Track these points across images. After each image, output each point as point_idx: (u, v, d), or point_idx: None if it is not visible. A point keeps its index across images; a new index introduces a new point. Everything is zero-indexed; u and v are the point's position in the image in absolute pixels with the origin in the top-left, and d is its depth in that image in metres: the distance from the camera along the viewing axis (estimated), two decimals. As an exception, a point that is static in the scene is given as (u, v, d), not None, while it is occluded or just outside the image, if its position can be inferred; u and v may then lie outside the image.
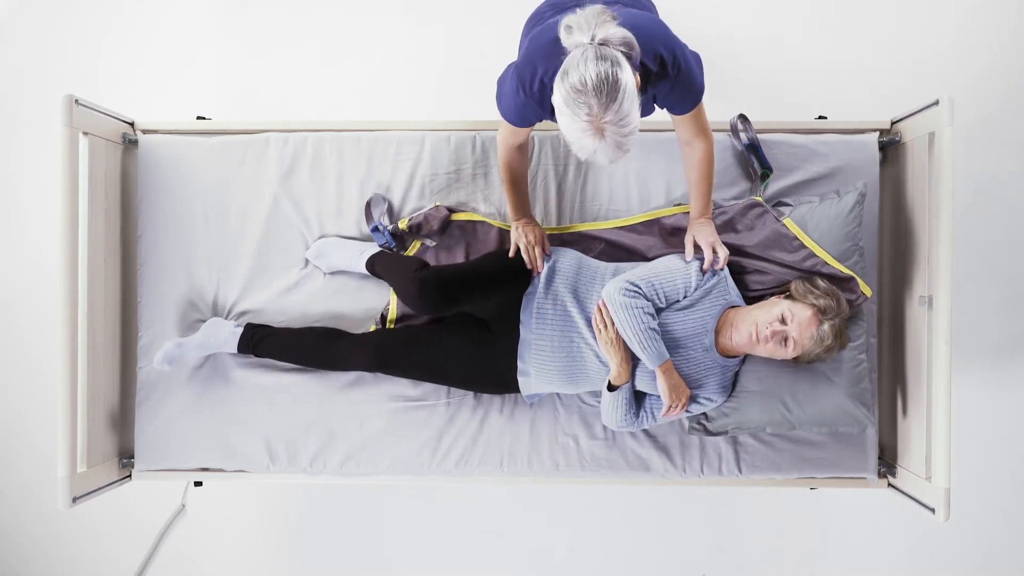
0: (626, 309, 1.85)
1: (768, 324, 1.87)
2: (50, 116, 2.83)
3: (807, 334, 1.88)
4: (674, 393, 1.90)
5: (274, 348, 2.14)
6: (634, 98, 1.43)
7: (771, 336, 1.87)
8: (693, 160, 1.89)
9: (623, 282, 1.90)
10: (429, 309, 1.96)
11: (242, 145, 2.23)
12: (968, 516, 2.84)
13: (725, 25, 2.85)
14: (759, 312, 1.92)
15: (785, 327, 1.87)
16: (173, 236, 2.23)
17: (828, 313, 1.89)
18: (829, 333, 1.89)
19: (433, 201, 2.21)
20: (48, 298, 2.86)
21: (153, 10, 2.91)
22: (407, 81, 2.88)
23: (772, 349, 1.89)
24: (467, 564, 2.90)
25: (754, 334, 1.88)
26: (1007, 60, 2.81)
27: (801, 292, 1.94)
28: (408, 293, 1.97)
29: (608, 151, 1.46)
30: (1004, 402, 2.84)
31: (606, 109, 1.40)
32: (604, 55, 1.39)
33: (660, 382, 1.89)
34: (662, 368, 1.87)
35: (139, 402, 2.23)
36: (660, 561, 2.90)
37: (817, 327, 1.88)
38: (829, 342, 1.89)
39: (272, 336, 2.14)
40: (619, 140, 1.45)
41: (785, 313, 1.88)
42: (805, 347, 1.89)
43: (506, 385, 2.06)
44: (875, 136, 2.19)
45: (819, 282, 1.95)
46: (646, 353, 1.85)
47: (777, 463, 2.17)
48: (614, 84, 1.39)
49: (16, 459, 2.93)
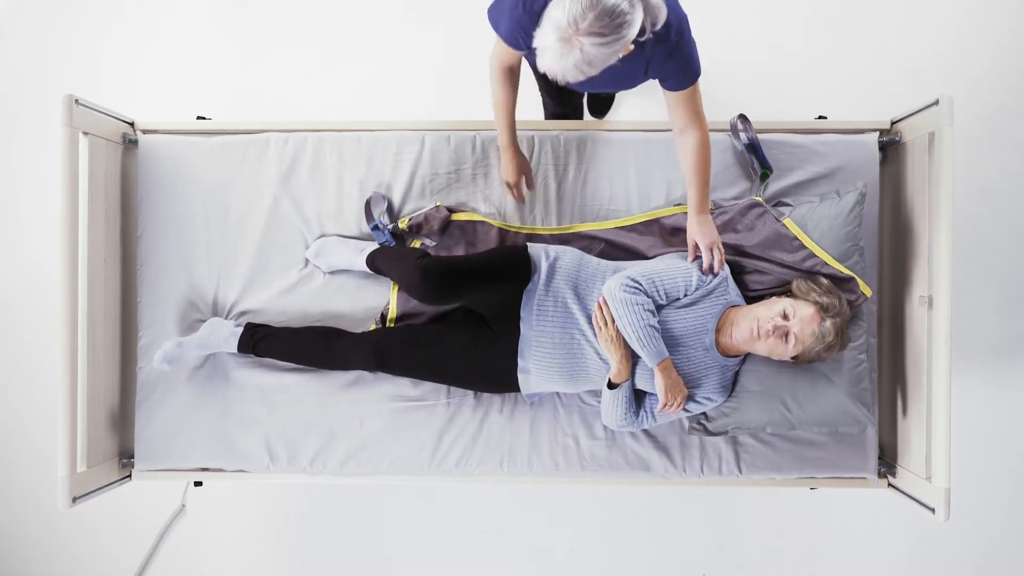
0: (626, 305, 1.85)
1: (770, 319, 1.87)
2: (50, 116, 2.84)
3: (808, 330, 1.87)
4: (671, 392, 1.90)
5: (274, 348, 2.14)
6: (622, 43, 1.40)
7: (772, 331, 1.86)
8: (687, 150, 1.86)
9: (624, 278, 1.89)
10: (431, 297, 1.95)
11: (242, 145, 2.23)
12: (968, 516, 2.84)
13: (726, 25, 2.85)
14: (761, 309, 1.92)
15: (787, 323, 1.87)
16: (173, 236, 2.23)
17: (830, 311, 1.89)
18: (831, 330, 1.88)
19: (433, 201, 2.21)
20: (48, 298, 2.86)
21: (153, 10, 2.91)
22: (407, 81, 2.89)
23: (773, 345, 1.88)
24: (467, 564, 2.90)
25: (755, 329, 1.88)
26: (1007, 60, 2.82)
27: (803, 290, 1.94)
28: (411, 280, 1.96)
29: (565, 64, 1.42)
30: (1004, 402, 2.84)
31: (589, 30, 1.36)
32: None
33: (657, 380, 1.89)
34: (660, 366, 1.87)
35: (139, 402, 2.23)
36: (660, 561, 2.90)
37: (819, 324, 1.88)
38: (831, 339, 1.89)
39: (272, 336, 2.14)
40: (580, 62, 1.41)
41: (787, 309, 1.88)
42: (806, 344, 1.89)
43: (506, 383, 2.06)
44: (875, 136, 2.19)
45: (821, 280, 1.96)
46: (645, 351, 1.86)
47: (777, 463, 2.17)
48: (616, 16, 1.36)
49: (16, 459, 2.93)
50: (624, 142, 2.19)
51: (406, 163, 2.21)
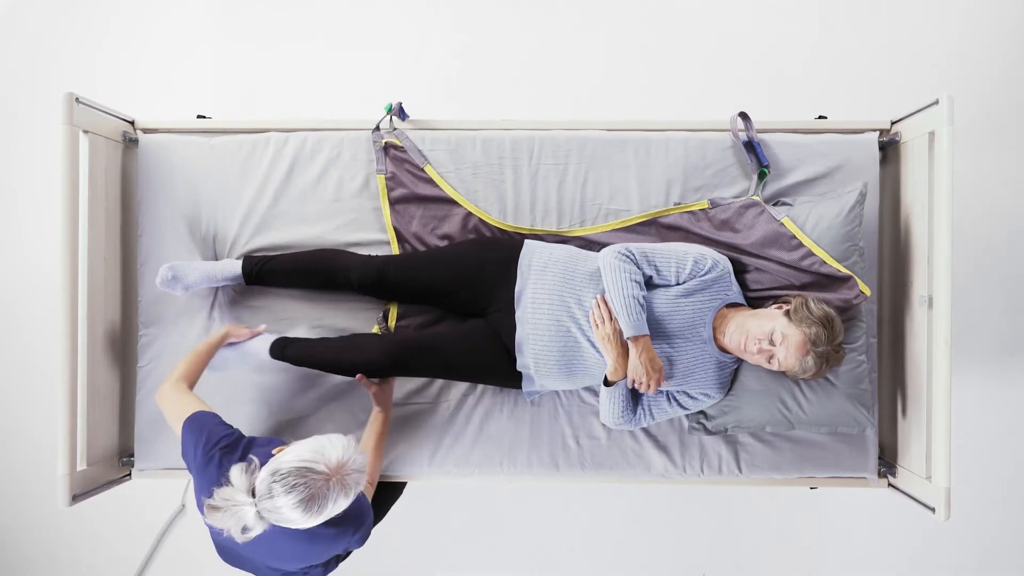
0: (614, 271, 1.88)
1: (757, 340, 1.88)
2: (50, 114, 2.83)
3: (792, 360, 1.89)
4: (639, 370, 1.86)
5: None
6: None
7: (757, 352, 1.89)
8: None
9: (619, 247, 1.94)
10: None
11: (242, 144, 2.23)
12: (968, 516, 2.84)
13: (726, 25, 2.85)
14: (753, 323, 1.91)
15: (772, 348, 1.88)
16: (173, 236, 2.23)
17: (818, 344, 1.88)
18: (812, 366, 1.89)
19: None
20: (48, 298, 2.86)
21: (153, 8, 2.91)
22: (407, 81, 2.89)
23: (758, 361, 1.91)
24: (467, 564, 2.90)
25: (743, 344, 1.89)
26: (1007, 60, 2.82)
27: (799, 315, 1.90)
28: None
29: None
30: (1004, 402, 2.84)
31: None
32: None
33: (631, 355, 1.87)
34: (635, 340, 1.85)
35: (139, 401, 2.23)
36: (660, 561, 2.90)
37: (803, 358, 1.89)
38: (811, 373, 1.91)
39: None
40: None
41: (776, 335, 1.88)
42: (790, 369, 1.91)
43: (512, 379, 2.07)
44: (875, 136, 2.19)
45: (814, 307, 1.90)
46: (623, 319, 1.86)
47: (777, 463, 2.17)
48: None
49: (16, 458, 2.93)
50: (624, 142, 2.19)
51: (406, 162, 2.21)
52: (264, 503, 1.48)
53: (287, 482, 1.47)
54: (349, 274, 2.09)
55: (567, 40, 2.89)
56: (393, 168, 2.19)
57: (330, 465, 1.51)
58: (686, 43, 2.82)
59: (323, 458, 1.51)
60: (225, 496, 1.50)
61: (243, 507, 1.48)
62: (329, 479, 1.50)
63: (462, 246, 2.12)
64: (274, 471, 1.49)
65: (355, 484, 1.55)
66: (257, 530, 1.50)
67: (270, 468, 1.50)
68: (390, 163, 2.20)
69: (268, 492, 1.48)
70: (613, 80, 2.87)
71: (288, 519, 1.49)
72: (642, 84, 2.85)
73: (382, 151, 2.20)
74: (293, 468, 1.48)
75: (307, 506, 1.47)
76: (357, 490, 1.57)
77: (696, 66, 2.82)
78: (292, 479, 1.47)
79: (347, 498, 1.54)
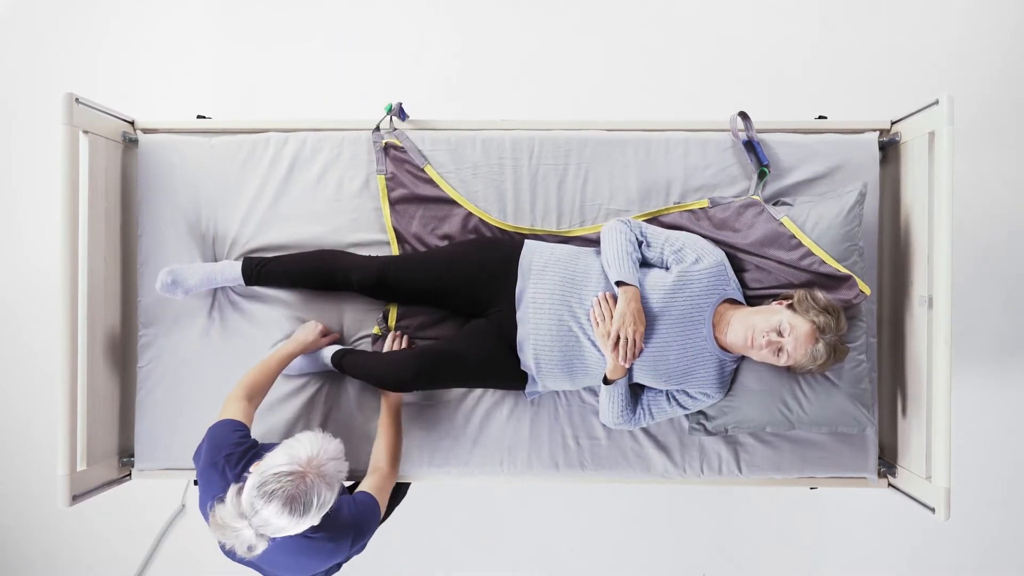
0: (612, 231, 1.99)
1: (765, 332, 1.88)
2: (50, 115, 2.83)
3: (802, 350, 1.88)
4: (630, 316, 1.86)
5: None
6: None
7: (766, 345, 1.88)
8: None
9: (620, 217, 2.07)
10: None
11: (242, 144, 2.23)
12: (968, 516, 2.84)
13: (726, 25, 2.85)
14: (757, 318, 1.91)
15: (781, 339, 1.87)
16: (173, 236, 2.23)
17: (826, 331, 1.89)
18: (823, 352, 1.89)
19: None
20: (48, 298, 2.86)
21: (153, 8, 2.91)
22: (407, 81, 2.89)
23: (765, 356, 1.90)
24: (467, 564, 2.90)
25: (750, 338, 1.89)
26: (1007, 60, 2.82)
27: (804, 306, 1.92)
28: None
29: None
30: (1004, 402, 2.84)
31: None
32: None
33: (619, 303, 1.88)
34: (623, 288, 1.89)
35: (139, 401, 2.23)
36: (660, 561, 2.90)
37: (812, 345, 1.89)
38: (822, 361, 1.90)
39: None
40: None
41: (783, 325, 1.88)
42: (799, 361, 1.91)
43: (518, 379, 2.08)
44: (875, 136, 2.19)
45: (819, 296, 1.93)
46: (617, 267, 1.91)
47: (777, 463, 2.17)
48: None
49: (16, 458, 2.93)
50: (624, 142, 2.19)
51: (406, 162, 2.21)
52: (254, 520, 1.51)
53: (264, 492, 1.49)
54: (349, 275, 2.09)
55: (567, 40, 2.89)
56: (393, 168, 2.20)
57: (301, 462, 1.53)
58: (686, 43, 2.82)
59: (293, 458, 1.54)
60: (221, 522, 1.53)
61: (241, 531, 1.52)
62: (305, 476, 1.51)
63: (462, 246, 2.12)
64: (251, 487, 1.52)
65: (335, 473, 1.57)
66: (260, 547, 1.53)
67: (248, 485, 1.53)
68: (390, 163, 2.20)
69: (253, 509, 1.51)
70: (613, 80, 2.87)
71: (280, 527, 1.51)
72: (642, 84, 2.85)
73: (382, 151, 2.20)
74: (267, 477, 1.51)
75: (291, 508, 1.49)
76: (340, 478, 1.59)
77: (696, 66, 2.82)
78: (269, 487, 1.49)
79: (331, 489, 1.56)
